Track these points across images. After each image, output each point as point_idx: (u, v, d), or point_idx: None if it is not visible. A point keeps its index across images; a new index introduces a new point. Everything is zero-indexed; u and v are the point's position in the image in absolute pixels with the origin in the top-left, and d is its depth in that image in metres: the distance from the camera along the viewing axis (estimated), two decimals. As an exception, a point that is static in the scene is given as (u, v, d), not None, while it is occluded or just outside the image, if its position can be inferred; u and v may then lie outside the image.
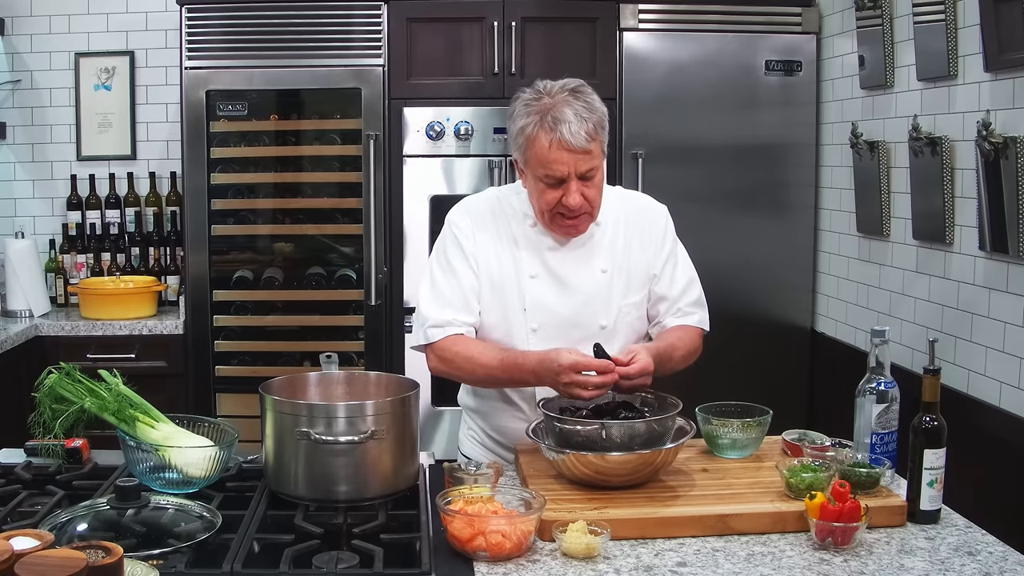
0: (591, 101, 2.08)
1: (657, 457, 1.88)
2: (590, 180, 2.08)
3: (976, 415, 2.83)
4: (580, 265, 2.19)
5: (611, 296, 2.19)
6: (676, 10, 3.89)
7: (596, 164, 2.08)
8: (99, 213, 4.34)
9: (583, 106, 2.05)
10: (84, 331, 3.88)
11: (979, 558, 1.67)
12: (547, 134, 2.03)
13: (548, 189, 2.08)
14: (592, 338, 2.12)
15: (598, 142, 2.06)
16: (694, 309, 2.26)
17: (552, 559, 1.66)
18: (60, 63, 4.37)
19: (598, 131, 2.06)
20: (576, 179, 2.06)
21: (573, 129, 2.01)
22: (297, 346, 4.04)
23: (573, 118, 2.02)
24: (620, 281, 2.20)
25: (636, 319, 2.24)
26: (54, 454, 2.03)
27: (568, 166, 2.04)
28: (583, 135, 2.02)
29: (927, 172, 3.07)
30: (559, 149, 2.02)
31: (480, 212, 2.24)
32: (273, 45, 3.85)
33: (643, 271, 2.23)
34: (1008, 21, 2.63)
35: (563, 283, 2.18)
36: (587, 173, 2.06)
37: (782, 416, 2.22)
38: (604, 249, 2.21)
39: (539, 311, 2.17)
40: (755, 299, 3.98)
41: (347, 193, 4.01)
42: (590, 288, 2.18)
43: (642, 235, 2.24)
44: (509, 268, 2.19)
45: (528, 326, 2.17)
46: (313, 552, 1.63)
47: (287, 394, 2.00)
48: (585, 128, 2.02)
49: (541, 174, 2.07)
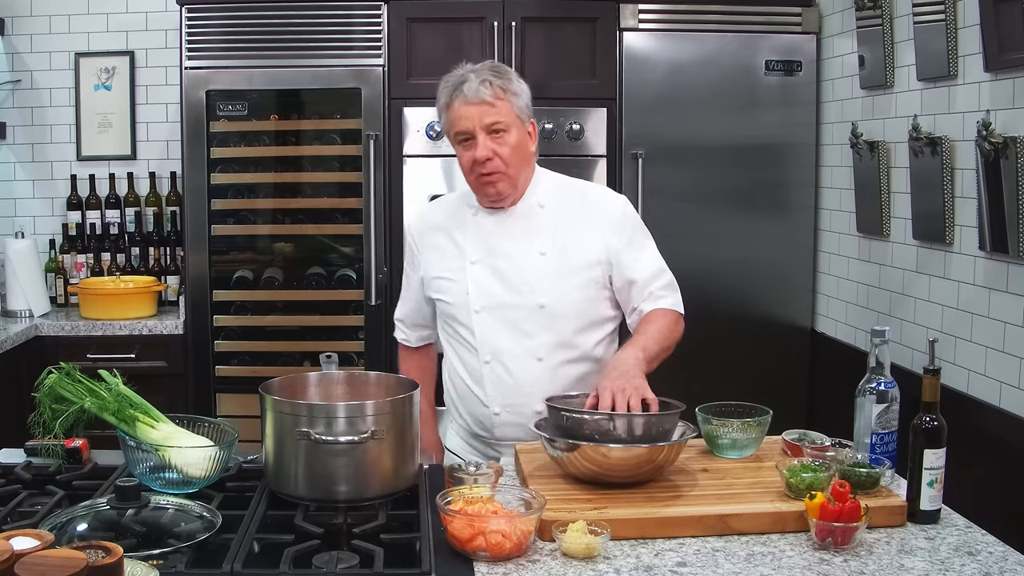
0: (502, 72, 2.25)
1: (660, 453, 1.88)
2: (500, 137, 2.21)
3: (976, 415, 2.83)
4: (519, 246, 2.28)
5: (550, 276, 2.25)
6: (676, 10, 3.89)
7: (503, 120, 2.20)
8: (99, 213, 4.34)
9: (491, 73, 2.22)
10: (84, 331, 3.88)
11: (979, 558, 1.67)
12: (454, 96, 2.22)
13: (464, 151, 2.24)
14: (532, 318, 2.25)
15: (505, 103, 2.20)
16: (666, 292, 2.30)
17: (552, 559, 1.66)
18: (60, 63, 4.37)
19: (507, 94, 2.21)
20: (483, 132, 2.20)
21: (473, 87, 2.19)
22: (297, 346, 4.04)
23: (475, 79, 2.20)
24: (561, 262, 2.26)
25: (582, 300, 2.27)
26: (54, 454, 2.03)
27: (471, 120, 2.19)
28: (484, 90, 2.18)
29: (927, 172, 3.07)
30: (462, 105, 2.20)
31: (432, 212, 2.47)
32: (273, 45, 3.85)
33: (589, 253, 2.27)
34: (1008, 21, 2.63)
35: (502, 264, 2.28)
36: (493, 126, 2.20)
37: (782, 416, 2.22)
38: (545, 231, 2.29)
39: (480, 294, 2.28)
40: (755, 299, 3.99)
41: (347, 193, 4.01)
42: (528, 269, 2.26)
43: (592, 219, 2.30)
44: (454, 258, 2.32)
45: (472, 308, 2.28)
46: (313, 552, 1.63)
47: (287, 394, 2.00)
48: (487, 86, 2.18)
49: (453, 134, 2.25)
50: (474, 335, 2.28)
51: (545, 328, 2.25)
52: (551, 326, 2.25)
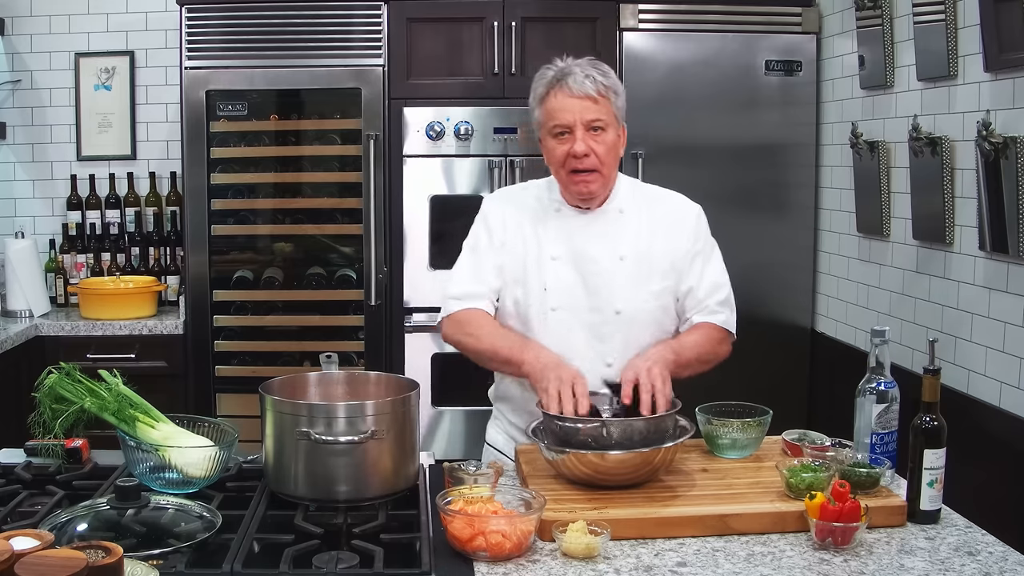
0: (606, 70, 2.20)
1: (656, 456, 1.88)
2: (598, 135, 2.16)
3: (976, 415, 2.83)
4: (600, 249, 2.23)
5: (628, 282, 2.21)
6: (676, 10, 3.89)
7: (604, 119, 2.16)
8: (99, 213, 4.34)
9: (595, 69, 2.17)
10: (84, 331, 3.88)
11: (979, 558, 1.67)
12: (555, 88, 2.16)
13: (559, 144, 2.17)
14: (607, 322, 2.19)
15: (608, 100, 2.16)
16: (721, 308, 2.27)
17: (552, 559, 1.66)
18: (60, 63, 4.37)
19: (609, 92, 2.16)
20: (582, 128, 2.14)
21: (578, 80, 2.14)
22: (297, 346, 4.04)
23: (580, 73, 2.15)
24: (640, 268, 2.22)
25: (657, 309, 2.24)
26: (54, 454, 2.03)
27: (573, 113, 2.14)
28: (589, 84, 2.13)
29: (927, 172, 3.07)
30: (565, 97, 2.15)
31: (512, 198, 2.35)
32: (273, 45, 3.85)
33: (665, 261, 2.24)
34: (1008, 21, 2.63)
35: (583, 266, 2.22)
36: (594, 123, 2.15)
37: (782, 416, 2.22)
38: (626, 235, 2.24)
39: (558, 292, 2.22)
40: (755, 299, 3.97)
41: (347, 193, 4.01)
42: (608, 273, 2.21)
43: (669, 227, 2.27)
44: (533, 250, 2.25)
45: (547, 305, 2.21)
46: (313, 552, 1.63)
47: (287, 394, 1.99)
48: (591, 81, 2.14)
49: (551, 126, 2.18)
50: (546, 333, 2.20)
51: (619, 334, 2.20)
52: (625, 332, 2.20)
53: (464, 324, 2.23)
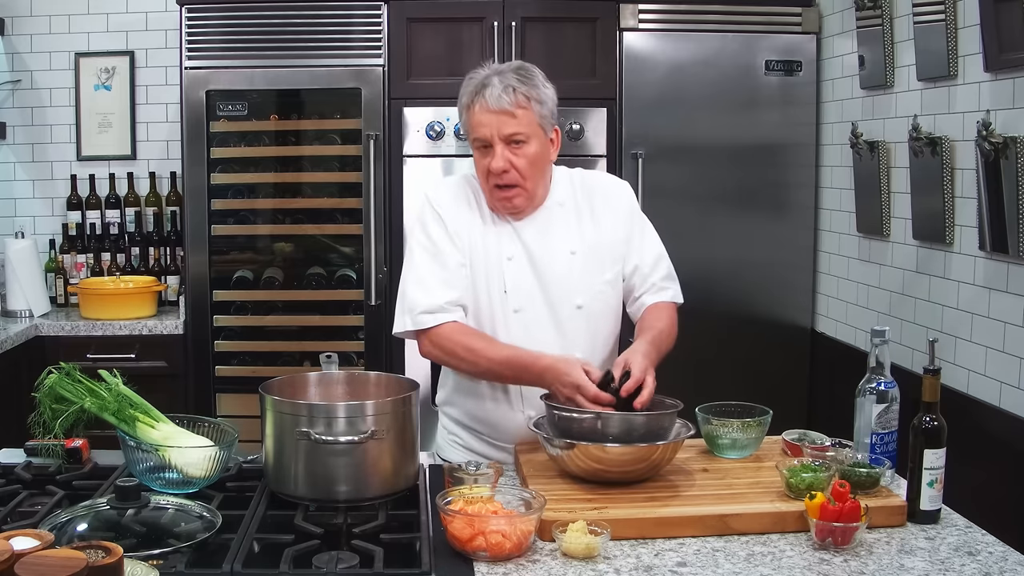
0: (529, 77, 2.14)
1: (655, 452, 1.89)
2: (519, 147, 2.12)
3: (976, 415, 2.83)
4: (550, 246, 2.22)
5: (583, 276, 2.22)
6: (676, 10, 3.89)
7: (524, 131, 2.12)
8: (99, 213, 4.34)
9: (516, 77, 2.12)
10: (84, 331, 3.88)
11: (979, 558, 1.67)
12: (475, 99, 2.13)
13: (481, 157, 2.15)
14: (571, 318, 2.20)
15: (528, 111, 2.11)
16: (668, 284, 2.29)
17: (552, 559, 1.66)
18: (60, 63, 4.37)
19: (529, 102, 2.11)
20: (501, 142, 2.11)
21: (496, 92, 2.10)
22: (297, 346, 4.04)
23: (499, 84, 2.11)
24: (591, 261, 2.23)
25: (613, 296, 2.26)
26: (54, 454, 2.03)
27: (491, 127, 2.11)
28: (506, 99, 2.09)
29: (927, 172, 3.07)
30: (482, 111, 2.11)
31: (459, 191, 2.27)
32: (273, 45, 3.85)
33: (613, 248, 2.25)
34: (1008, 21, 2.63)
35: (537, 265, 2.21)
36: (513, 137, 2.11)
37: (782, 416, 2.22)
38: (571, 230, 2.24)
39: (518, 293, 2.20)
40: (755, 299, 3.99)
41: (347, 193, 4.01)
42: (562, 269, 2.21)
43: (607, 212, 2.27)
44: (491, 248, 2.21)
45: (509, 307, 2.20)
46: (313, 552, 1.63)
47: (287, 394, 2.00)
48: (509, 94, 2.09)
49: (472, 139, 2.16)
50: (510, 335, 2.17)
51: (581, 327, 2.21)
52: (587, 324, 2.21)
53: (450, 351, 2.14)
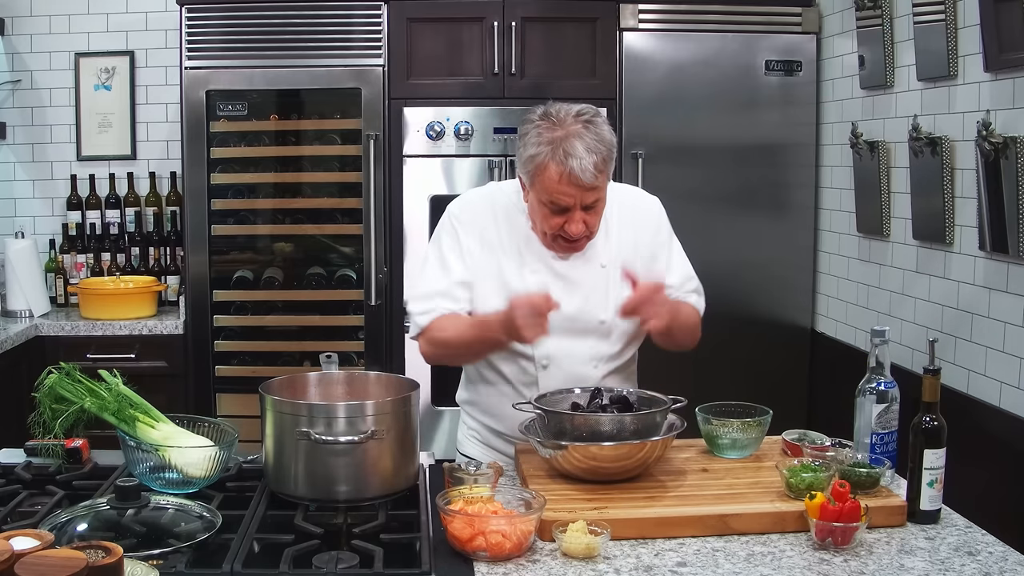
0: (602, 132, 2.06)
1: (643, 448, 1.89)
2: (594, 208, 2.10)
3: (976, 415, 2.83)
4: (580, 261, 2.21)
5: (609, 291, 2.20)
6: (676, 10, 3.89)
7: (602, 196, 2.10)
8: (99, 213, 4.34)
9: (594, 139, 2.03)
10: (84, 331, 3.88)
11: (979, 558, 1.67)
12: (557, 166, 2.02)
13: (552, 215, 2.09)
14: (592, 332, 2.19)
15: (605, 175, 2.06)
16: (692, 296, 2.30)
17: (552, 559, 1.66)
18: (60, 63, 4.37)
19: (606, 164, 2.06)
20: (580, 210, 2.08)
21: (584, 164, 2.00)
22: (297, 346, 4.04)
23: (584, 153, 2.00)
24: (619, 276, 2.21)
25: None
26: (54, 454, 2.03)
27: (574, 198, 2.05)
28: (592, 171, 2.01)
29: (927, 172, 3.07)
30: (568, 183, 2.02)
31: (482, 207, 2.26)
32: (273, 45, 3.85)
33: (642, 264, 2.24)
34: (1008, 21, 2.63)
35: (564, 279, 2.19)
36: (592, 205, 2.08)
37: (782, 416, 2.22)
38: (602, 244, 2.22)
39: None
40: (755, 299, 3.98)
41: (347, 193, 4.01)
42: (589, 283, 2.20)
43: (638, 228, 2.26)
44: (512, 263, 2.20)
45: None
46: (313, 552, 1.63)
47: (287, 394, 2.00)
48: (594, 162, 2.01)
49: (546, 200, 2.08)
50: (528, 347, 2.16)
51: (605, 339, 2.21)
52: (610, 338, 2.21)
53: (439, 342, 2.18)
